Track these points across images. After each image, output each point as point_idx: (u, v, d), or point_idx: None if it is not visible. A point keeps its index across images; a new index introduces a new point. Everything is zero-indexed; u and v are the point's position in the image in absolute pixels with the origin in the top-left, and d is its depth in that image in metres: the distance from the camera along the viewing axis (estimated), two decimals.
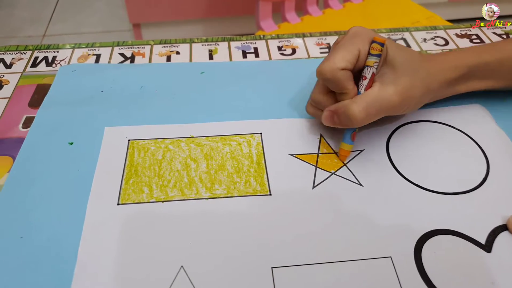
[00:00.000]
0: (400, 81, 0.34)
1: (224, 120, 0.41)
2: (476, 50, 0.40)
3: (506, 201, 0.34)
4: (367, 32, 0.36)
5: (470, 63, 0.38)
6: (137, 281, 0.29)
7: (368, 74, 0.35)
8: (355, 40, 0.35)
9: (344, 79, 0.34)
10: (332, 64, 0.34)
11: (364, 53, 0.35)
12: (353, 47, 0.35)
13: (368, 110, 0.34)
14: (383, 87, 0.34)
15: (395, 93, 0.34)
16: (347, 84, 0.35)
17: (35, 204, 0.34)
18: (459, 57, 0.39)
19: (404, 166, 0.37)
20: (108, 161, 0.37)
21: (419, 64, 0.36)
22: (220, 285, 0.29)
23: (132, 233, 0.32)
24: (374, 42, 0.35)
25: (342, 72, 0.34)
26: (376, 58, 0.35)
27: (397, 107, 0.35)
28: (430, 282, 0.29)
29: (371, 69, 0.35)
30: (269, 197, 0.35)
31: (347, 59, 0.34)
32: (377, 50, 0.35)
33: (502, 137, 0.40)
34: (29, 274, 0.29)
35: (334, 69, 0.34)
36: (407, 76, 0.35)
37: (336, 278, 0.30)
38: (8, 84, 0.47)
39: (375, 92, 0.34)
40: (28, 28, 1.76)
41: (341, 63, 0.34)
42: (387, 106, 0.34)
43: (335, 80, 0.34)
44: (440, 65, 0.38)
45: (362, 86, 0.35)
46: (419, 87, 0.35)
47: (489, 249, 0.31)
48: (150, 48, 0.53)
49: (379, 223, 0.33)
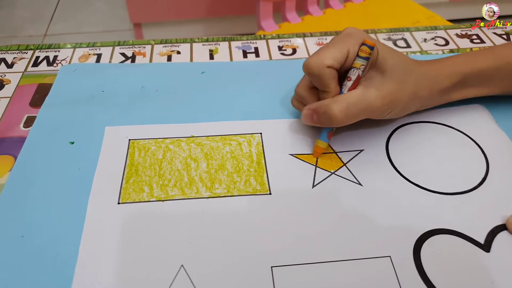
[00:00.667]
0: (385, 86, 0.34)
1: (224, 120, 0.41)
2: (470, 57, 0.39)
3: (506, 201, 0.35)
4: (360, 34, 0.36)
5: (465, 71, 0.38)
6: (137, 280, 0.29)
7: (354, 76, 0.35)
8: (347, 40, 0.35)
9: (329, 77, 0.34)
10: (319, 59, 0.34)
11: (353, 54, 0.35)
12: (343, 46, 0.35)
13: (348, 111, 0.33)
14: (366, 90, 0.34)
15: (377, 96, 0.34)
16: (330, 83, 0.34)
17: (36, 203, 0.34)
18: (453, 64, 0.38)
19: (404, 166, 0.37)
20: (108, 160, 0.37)
21: (410, 70, 0.36)
22: (220, 284, 0.29)
23: (132, 232, 0.32)
24: (364, 45, 0.34)
25: (328, 70, 0.34)
26: (363, 61, 0.35)
27: (378, 111, 0.35)
28: (429, 281, 0.29)
29: (357, 71, 0.35)
30: (269, 196, 0.35)
31: (335, 58, 0.34)
32: (366, 53, 0.34)
33: (502, 138, 0.40)
34: (30, 273, 0.30)
35: (321, 65, 0.34)
36: (394, 81, 0.34)
37: (335, 277, 0.30)
38: (10, 84, 0.47)
39: (357, 93, 0.34)
40: (29, 28, 1.76)
41: (329, 61, 0.34)
42: (368, 109, 0.34)
43: (319, 77, 0.34)
44: (433, 73, 0.37)
45: (346, 87, 0.35)
46: (405, 93, 0.35)
47: (488, 248, 0.31)
48: (151, 48, 0.53)
49: (378, 223, 0.33)
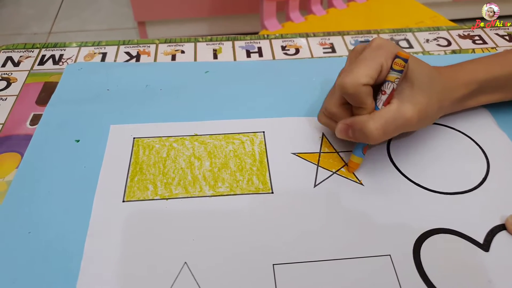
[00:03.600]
0: (417, 99, 0.34)
1: (227, 119, 0.42)
2: (486, 64, 0.39)
3: (505, 201, 0.35)
4: (390, 46, 0.35)
5: (481, 79, 0.38)
6: (141, 277, 0.30)
7: (388, 90, 0.34)
8: (379, 54, 0.34)
9: (365, 95, 0.33)
10: (355, 79, 0.33)
11: (386, 68, 0.34)
12: (376, 61, 0.33)
13: (385, 128, 0.33)
14: (401, 105, 0.33)
15: (413, 111, 0.33)
16: (367, 100, 0.34)
17: (42, 200, 0.35)
18: (469, 72, 0.38)
19: (405, 165, 0.38)
20: (113, 158, 0.38)
21: (434, 81, 0.36)
22: (222, 281, 0.30)
23: (136, 229, 0.33)
24: (398, 58, 0.34)
25: (364, 88, 0.33)
26: (398, 74, 0.34)
27: (414, 125, 0.34)
28: (428, 280, 0.30)
29: (391, 84, 0.34)
30: (271, 195, 0.35)
31: (370, 75, 0.33)
32: (400, 66, 0.34)
33: (503, 139, 0.40)
34: (37, 268, 0.30)
35: (357, 84, 0.32)
36: (424, 94, 0.34)
37: (335, 275, 0.30)
38: (16, 82, 0.48)
39: (393, 109, 0.33)
40: (34, 25, 1.77)
41: (364, 79, 0.32)
42: (405, 124, 0.34)
43: (356, 96, 0.33)
44: (452, 82, 0.37)
45: (381, 101, 0.34)
46: (435, 106, 0.35)
47: (487, 248, 0.32)
48: (155, 47, 0.53)
49: (379, 222, 0.33)
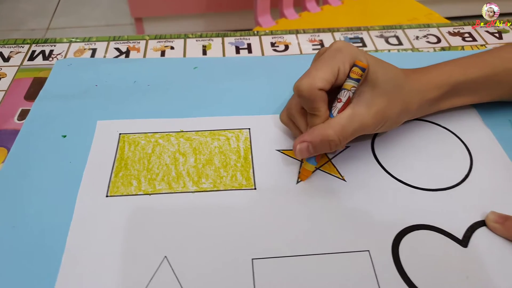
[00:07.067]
0: (375, 102, 0.34)
1: (214, 115, 0.42)
2: (462, 66, 0.39)
3: (487, 198, 0.35)
4: (350, 50, 0.34)
5: (455, 81, 0.37)
6: (121, 270, 0.30)
7: (344, 98, 0.34)
8: (337, 57, 0.33)
9: (320, 100, 0.33)
10: (311, 81, 0.32)
11: (343, 73, 0.33)
12: (334, 65, 0.33)
13: (344, 133, 0.33)
14: (357, 108, 0.33)
15: (368, 114, 0.33)
16: (321, 106, 0.33)
17: (28, 194, 0.35)
18: (444, 74, 0.38)
19: (389, 162, 0.38)
20: (99, 154, 0.38)
21: (400, 84, 0.35)
22: (201, 274, 0.30)
23: (119, 224, 0.33)
24: (356, 66, 0.33)
25: (319, 93, 0.32)
26: (355, 83, 0.33)
27: (370, 128, 0.34)
28: (406, 275, 0.30)
29: (348, 92, 0.33)
30: (253, 191, 0.35)
31: (326, 78, 0.32)
32: (358, 74, 0.33)
33: (487, 135, 0.40)
34: (20, 261, 0.31)
35: (313, 87, 0.32)
36: (384, 97, 0.34)
37: (313, 270, 0.30)
38: (6, 77, 0.48)
39: (348, 113, 0.33)
40: (32, 21, 1.77)
41: (320, 83, 0.32)
42: (361, 127, 0.34)
43: (310, 99, 0.33)
44: (422, 85, 0.37)
45: (336, 108, 0.34)
46: (396, 109, 0.35)
47: (466, 244, 0.32)
48: (145, 43, 0.54)
49: (359, 218, 0.34)
